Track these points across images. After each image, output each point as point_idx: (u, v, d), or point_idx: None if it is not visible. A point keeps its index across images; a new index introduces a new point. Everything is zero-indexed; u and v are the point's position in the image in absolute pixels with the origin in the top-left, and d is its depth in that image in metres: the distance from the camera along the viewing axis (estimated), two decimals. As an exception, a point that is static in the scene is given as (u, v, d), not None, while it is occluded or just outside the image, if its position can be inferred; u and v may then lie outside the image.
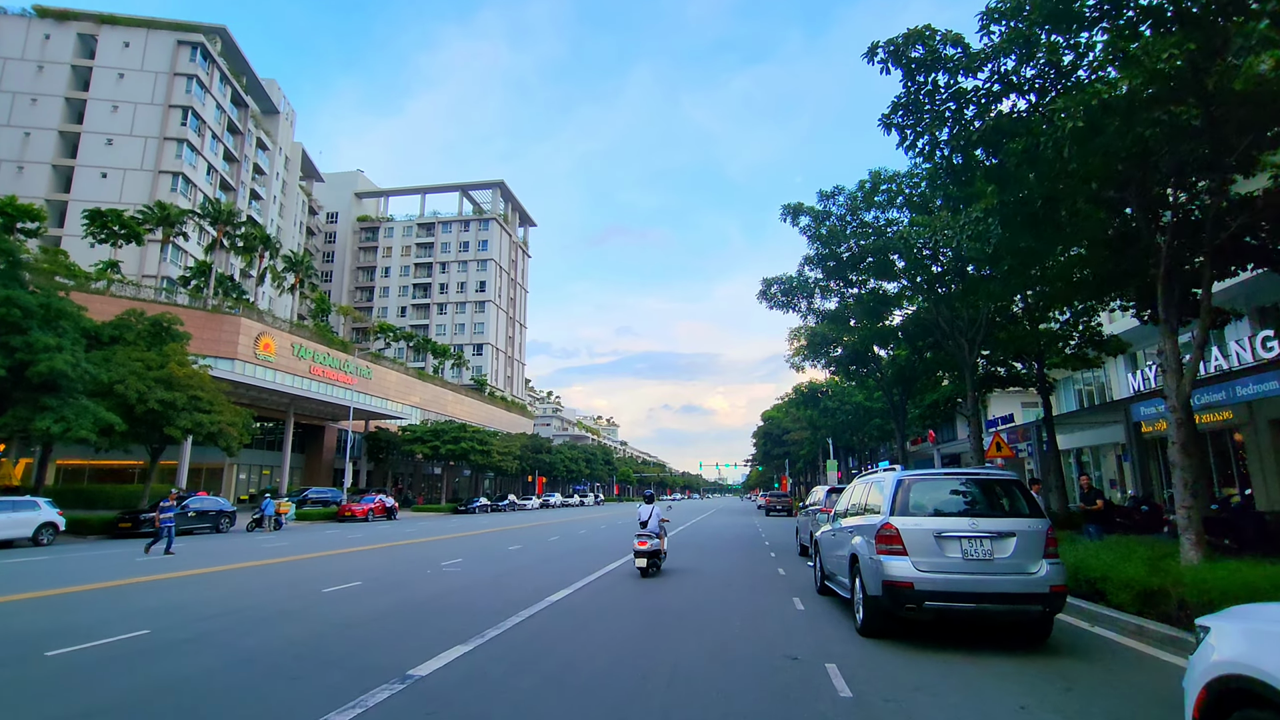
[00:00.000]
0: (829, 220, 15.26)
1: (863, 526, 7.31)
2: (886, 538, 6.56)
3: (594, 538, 22.41)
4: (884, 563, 6.48)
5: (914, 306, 17.88)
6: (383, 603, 8.81)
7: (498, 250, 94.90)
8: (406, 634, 6.89)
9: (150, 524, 23.72)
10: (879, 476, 7.65)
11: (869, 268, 15.93)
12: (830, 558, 9.13)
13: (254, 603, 8.78)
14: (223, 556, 15.45)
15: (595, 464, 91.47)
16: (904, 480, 6.83)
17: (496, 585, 10.69)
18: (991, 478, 6.85)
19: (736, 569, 13.27)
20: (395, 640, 6.61)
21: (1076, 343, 21.96)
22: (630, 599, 9.38)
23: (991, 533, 6.33)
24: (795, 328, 23.20)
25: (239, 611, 8.15)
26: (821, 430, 35.61)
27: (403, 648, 6.25)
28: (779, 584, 11.20)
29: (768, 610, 8.58)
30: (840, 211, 15.69)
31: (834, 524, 9.23)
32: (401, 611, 8.19)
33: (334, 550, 17.36)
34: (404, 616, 7.90)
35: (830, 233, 15.10)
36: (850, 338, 21.39)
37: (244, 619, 7.69)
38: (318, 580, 11.05)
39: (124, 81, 57.45)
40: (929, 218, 13.59)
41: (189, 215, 47.70)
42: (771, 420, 61.15)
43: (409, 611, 8.21)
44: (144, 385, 24.78)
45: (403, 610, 8.28)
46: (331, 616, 7.87)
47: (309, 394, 44.67)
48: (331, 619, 7.70)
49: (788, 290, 17.48)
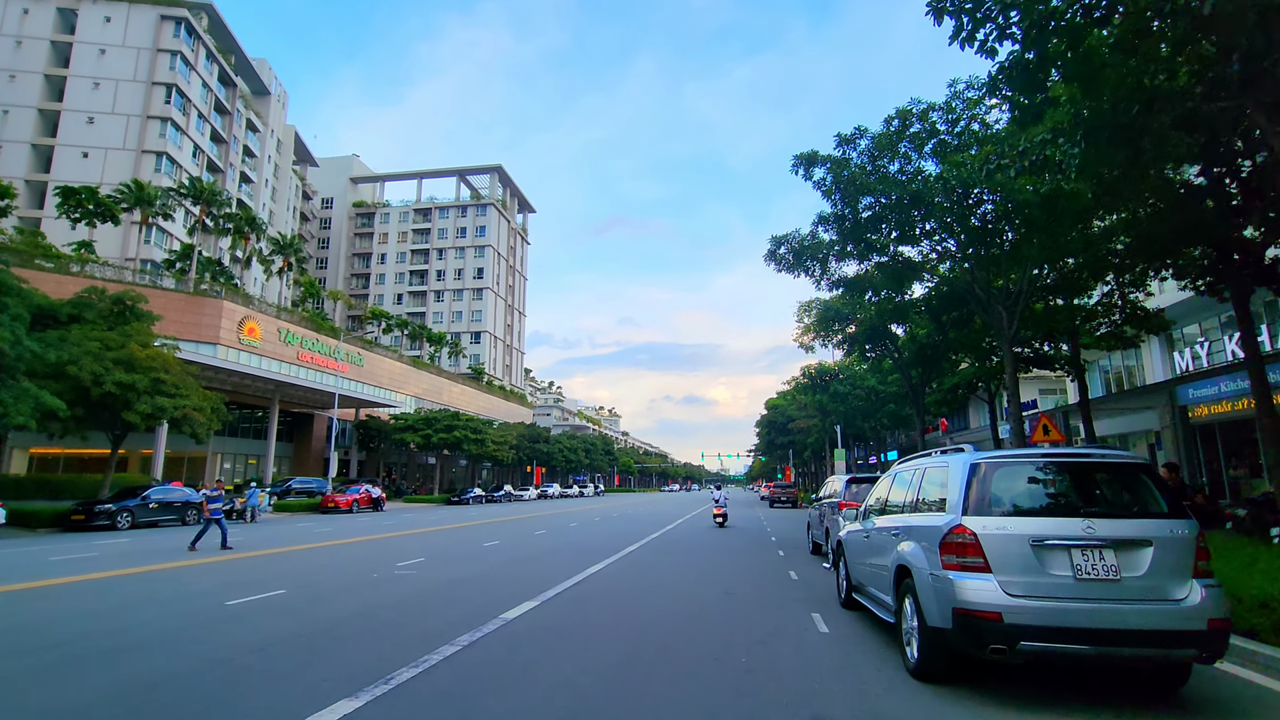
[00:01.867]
0: (848, 169, 13.14)
1: (916, 529, 5.34)
2: (958, 546, 4.59)
3: (584, 532, 20.52)
4: (955, 582, 4.52)
5: (943, 273, 15.82)
6: (287, 624, 6.90)
7: (496, 236, 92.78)
8: (282, 678, 4.96)
9: (106, 516, 22.01)
10: (937, 460, 5.67)
11: (895, 224, 13.84)
12: (861, 566, 7.18)
13: (108, 626, 6.86)
14: (139, 557, 13.58)
15: (595, 454, 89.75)
16: (981, 464, 4.85)
17: (445, 596, 8.77)
18: (1108, 459, 4.84)
19: (740, 572, 11.35)
20: (258, 690, 4.68)
21: (1117, 319, 19.94)
22: (605, 616, 7.45)
23: (1115, 539, 4.36)
24: (804, 302, 21.16)
25: (70, 643, 6.21)
26: (831, 417, 33.54)
27: (258, 706, 4.33)
28: (792, 592, 9.26)
29: (781, 632, 6.64)
30: (861, 161, 13.59)
31: (865, 523, 7.28)
32: (301, 638, 6.26)
33: (288, 547, 15.51)
34: (300, 646, 5.98)
35: (852, 179, 12.96)
36: (867, 312, 19.35)
37: (67, 655, 5.77)
38: (235, 588, 9.15)
39: (105, 58, 55.37)
40: (972, 154, 11.52)
41: (168, 194, 45.66)
42: (776, 408, 59.15)
43: (311, 638, 6.29)
44: (100, 367, 22.91)
45: (303, 636, 6.35)
46: (209, 646, 5.98)
47: (294, 380, 42.86)
48: (202, 652, 5.79)
49: (799, 251, 15.33)
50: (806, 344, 21.89)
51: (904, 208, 13.05)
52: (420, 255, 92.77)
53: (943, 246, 14.69)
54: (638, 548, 15.47)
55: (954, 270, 14.64)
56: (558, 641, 6.14)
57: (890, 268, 14.91)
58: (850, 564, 7.80)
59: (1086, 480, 4.81)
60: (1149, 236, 12.42)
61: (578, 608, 7.88)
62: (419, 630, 6.53)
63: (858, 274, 16.46)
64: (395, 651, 5.68)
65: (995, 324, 14.08)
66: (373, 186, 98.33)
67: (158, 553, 14.15)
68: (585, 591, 9.12)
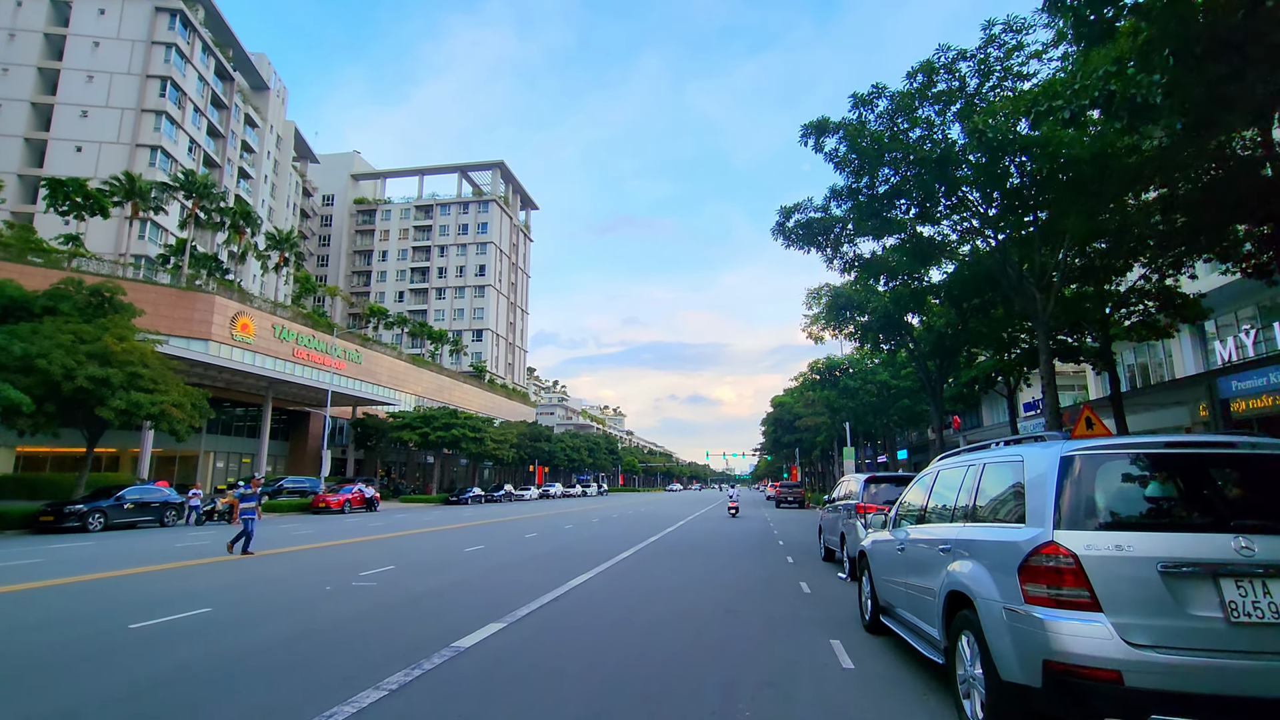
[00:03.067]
0: (865, 136, 11.72)
1: (978, 545, 4.02)
2: (1050, 572, 3.27)
3: (578, 535, 19.23)
4: (1046, 623, 3.19)
5: (969, 253, 14.39)
6: (179, 657, 5.63)
7: (498, 233, 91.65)
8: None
9: (76, 517, 20.91)
10: (1002, 453, 4.33)
11: (916, 200, 12.44)
12: (892, 585, 5.86)
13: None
14: (86, 564, 12.37)
15: (598, 453, 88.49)
16: (1077, 458, 3.50)
17: (398, 616, 7.50)
18: (1256, 451, 3.49)
19: (744, 583, 10.03)
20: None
21: (1151, 306, 18.52)
22: (581, 645, 6.15)
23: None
24: (813, 289, 19.71)
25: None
26: (841, 413, 32.06)
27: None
28: (805, 610, 7.95)
29: (795, 669, 5.33)
30: (878, 128, 12.20)
31: (896, 531, 5.96)
32: (175, 684, 4.98)
33: (256, 552, 14.28)
34: (167, 696, 4.70)
35: (871, 144, 11.52)
36: (880, 300, 17.96)
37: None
38: (154, 606, 7.91)
39: (99, 51, 54.48)
40: (1012, 99, 10.11)
41: (159, 187, 44.63)
42: (782, 406, 57.67)
43: (190, 683, 5.01)
44: (72, 360, 21.79)
45: (181, 680, 5.07)
46: (56, 693, 4.71)
47: (287, 377, 41.76)
48: (33, 705, 4.53)
49: (809, 225, 13.88)
50: (815, 335, 20.46)
51: (928, 176, 11.64)
52: (422, 252, 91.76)
53: (969, 223, 13.28)
54: (633, 553, 14.18)
55: (982, 249, 13.21)
56: (510, 686, 4.84)
57: (910, 245, 13.47)
58: (877, 580, 6.47)
59: (1232, 480, 3.47)
60: (1205, 204, 11.06)
61: (550, 632, 6.58)
62: (341, 667, 5.25)
63: (874, 255, 15.03)
64: (292, 701, 4.39)
65: (1027, 308, 12.68)
66: (374, 183, 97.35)
67: (112, 558, 12.94)
68: (564, 609, 7.83)
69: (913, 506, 5.85)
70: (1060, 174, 9.86)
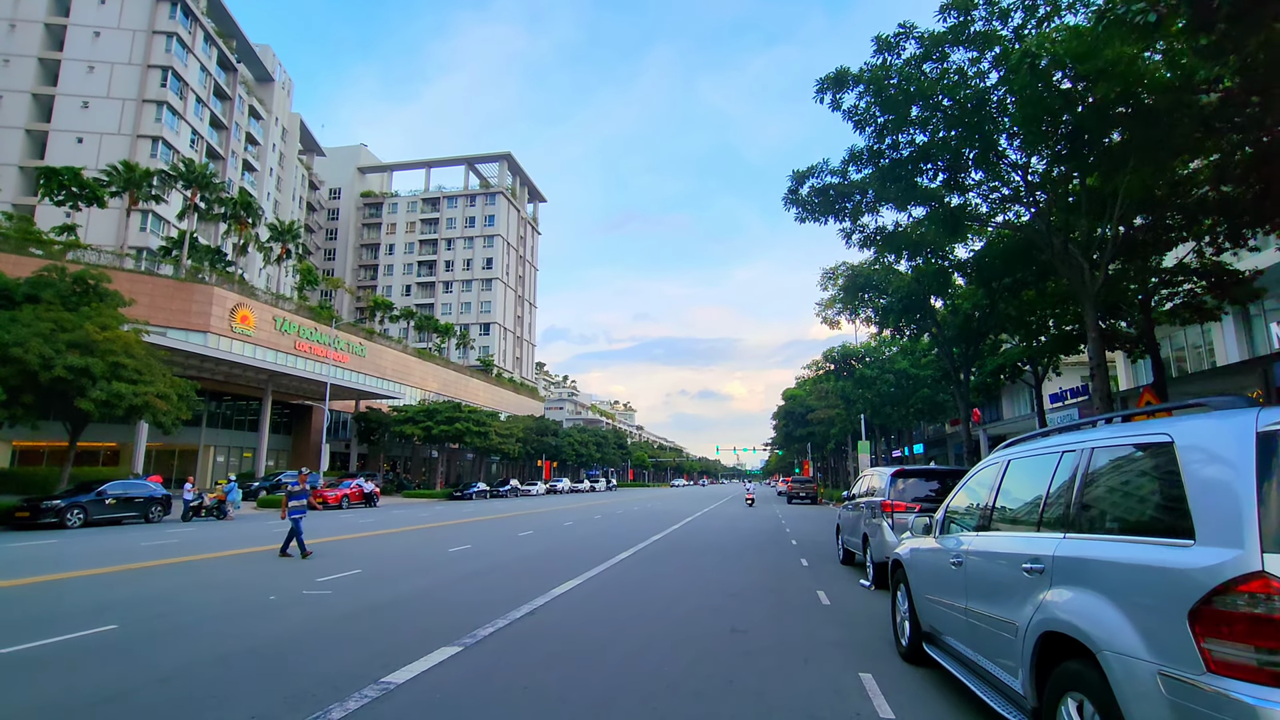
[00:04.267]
0: (893, 77, 10.28)
1: (1097, 565, 2.70)
2: (1263, 626, 1.96)
3: (577, 534, 18.02)
4: (1261, 715, 1.88)
5: (1006, 223, 12.92)
6: (51, 692, 4.45)
7: (505, 226, 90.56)
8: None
9: (54, 513, 20.00)
10: (1127, 433, 2.97)
11: (947, 163, 11.01)
12: (941, 607, 4.55)
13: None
14: (36, 565, 11.34)
15: (607, 448, 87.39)
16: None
17: (340, 634, 6.30)
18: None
19: (753, 591, 8.75)
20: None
21: (1198, 287, 17.00)
22: (540, 684, 4.90)
23: None
24: (829, 268, 18.26)
25: None
26: (856, 405, 30.54)
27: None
28: (825, 628, 6.64)
29: (817, 718, 4.04)
30: (900, 81, 10.76)
31: (944, 538, 4.68)
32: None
33: (212, 553, 13.19)
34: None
35: (903, 85, 10.08)
36: (902, 280, 16.53)
37: None
38: (59, 619, 6.77)
39: (100, 40, 53.82)
40: (1069, 26, 8.66)
41: (158, 177, 43.83)
42: (794, 398, 56.09)
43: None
44: (51, 349, 20.86)
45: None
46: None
47: (286, 369, 40.90)
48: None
49: (825, 193, 12.37)
50: (831, 319, 19.10)
51: (962, 133, 10.21)
52: (429, 245, 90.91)
53: (1005, 191, 11.84)
54: (632, 554, 12.93)
55: (1018, 220, 11.77)
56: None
57: (940, 213, 12.00)
58: (918, 598, 5.17)
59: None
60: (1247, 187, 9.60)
61: (508, 663, 5.33)
62: (226, 715, 4.03)
63: (897, 227, 13.57)
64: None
65: (1073, 281, 11.22)
66: (381, 176, 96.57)
67: (68, 558, 11.88)
68: (536, 627, 6.59)
69: (970, 507, 4.53)
70: (1127, 104, 8.28)
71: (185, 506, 23.60)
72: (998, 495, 4.07)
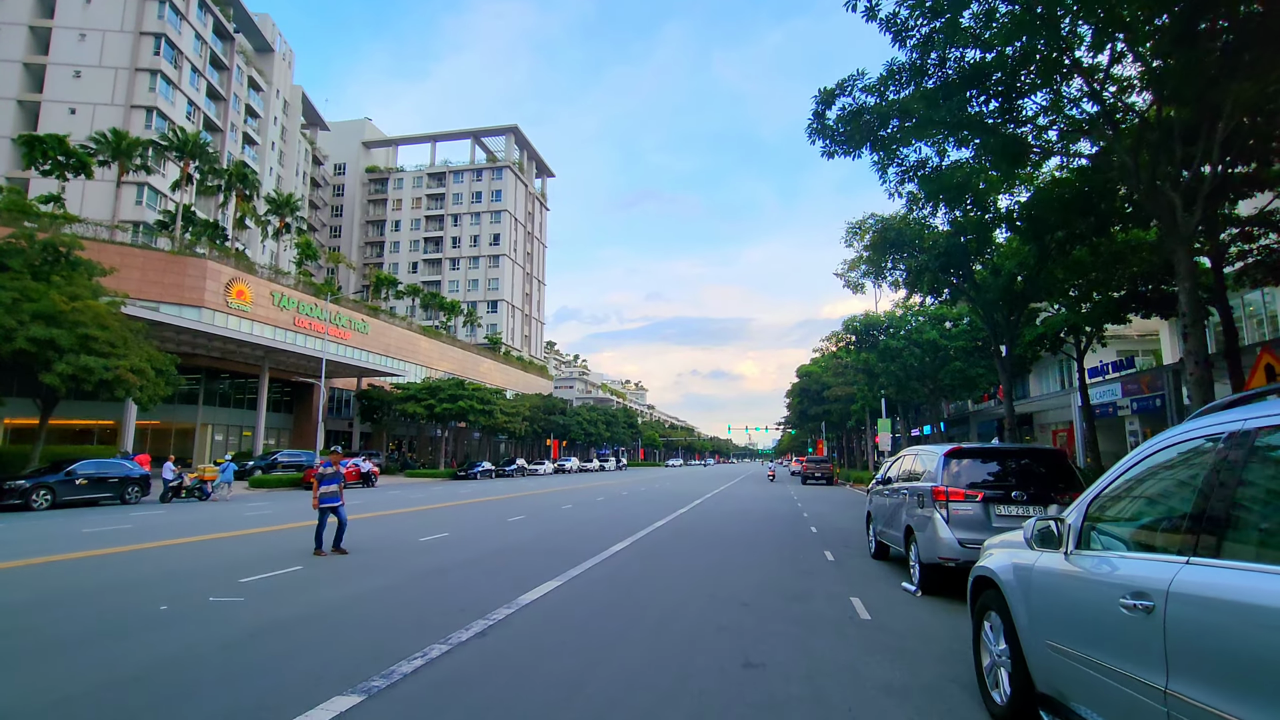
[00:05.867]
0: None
1: None
2: None
3: (573, 518, 16.41)
4: None
5: (1076, 152, 10.88)
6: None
7: (512, 201, 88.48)
8: None
9: (17, 494, 18.76)
10: None
11: (1004, 80, 8.99)
12: (1087, 670, 2.76)
13: None
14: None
15: (616, 426, 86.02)
16: None
17: (211, 673, 4.68)
18: None
19: (769, 600, 7.03)
20: None
21: (1274, 243, 14.91)
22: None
23: None
24: (855, 222, 16.20)
25: None
26: (880, 379, 28.41)
27: None
28: (873, 663, 4.88)
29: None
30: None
31: (1081, 558, 2.90)
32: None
33: (154, 542, 11.74)
34: None
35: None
36: (937, 235, 14.52)
37: None
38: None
39: (91, 7, 52.07)
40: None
41: (149, 145, 42.30)
42: (809, 375, 54.02)
43: None
44: (13, 320, 19.49)
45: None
46: None
47: (283, 345, 39.57)
48: None
49: (858, 116, 10.22)
50: (855, 281, 17.11)
51: (1032, 23, 8.17)
52: (435, 221, 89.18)
53: (1075, 112, 9.81)
54: (630, 544, 11.28)
55: (1105, 136, 9.67)
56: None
57: (995, 142, 9.92)
58: (1033, 642, 3.39)
59: None
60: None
61: (479, 677, 3.66)
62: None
63: (941, 165, 11.48)
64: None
65: (1164, 220, 9.21)
66: (386, 151, 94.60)
67: (13, 545, 10.46)
68: (486, 655, 4.92)
69: (1135, 513, 2.75)
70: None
71: (165, 487, 22.32)
72: (1233, 498, 2.26)
